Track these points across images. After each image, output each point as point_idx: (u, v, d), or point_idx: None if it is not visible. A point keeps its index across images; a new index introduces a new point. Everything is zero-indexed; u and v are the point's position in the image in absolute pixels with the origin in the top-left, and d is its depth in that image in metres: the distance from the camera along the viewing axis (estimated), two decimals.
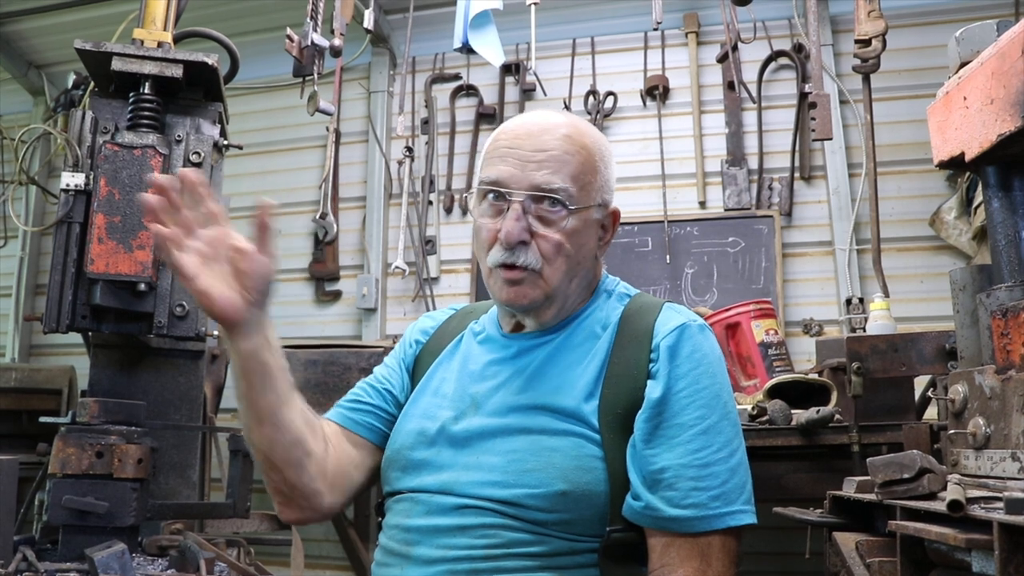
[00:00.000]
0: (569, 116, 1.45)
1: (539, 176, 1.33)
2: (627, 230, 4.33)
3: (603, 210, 1.42)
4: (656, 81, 4.43)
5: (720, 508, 1.22)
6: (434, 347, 1.56)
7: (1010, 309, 1.53)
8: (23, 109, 5.53)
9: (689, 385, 1.28)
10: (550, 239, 1.33)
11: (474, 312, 1.61)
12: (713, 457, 1.24)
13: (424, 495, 1.31)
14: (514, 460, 1.26)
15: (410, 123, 4.69)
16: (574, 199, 1.34)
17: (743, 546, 1.27)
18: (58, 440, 2.11)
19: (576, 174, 1.35)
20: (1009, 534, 1.13)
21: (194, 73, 2.51)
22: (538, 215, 1.33)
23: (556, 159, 1.34)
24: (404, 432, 1.43)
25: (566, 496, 1.23)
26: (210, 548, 2.16)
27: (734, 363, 3.54)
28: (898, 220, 4.05)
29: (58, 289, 2.33)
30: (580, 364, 1.35)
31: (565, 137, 1.36)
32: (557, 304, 1.39)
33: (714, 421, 1.27)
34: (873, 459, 1.54)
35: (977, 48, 1.75)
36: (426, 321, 1.64)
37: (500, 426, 1.32)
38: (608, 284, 1.50)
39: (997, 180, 1.73)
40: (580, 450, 1.26)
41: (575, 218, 1.35)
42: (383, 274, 4.71)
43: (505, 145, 1.38)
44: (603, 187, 1.41)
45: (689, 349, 1.31)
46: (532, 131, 1.37)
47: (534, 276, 1.34)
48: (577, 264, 1.38)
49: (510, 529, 1.23)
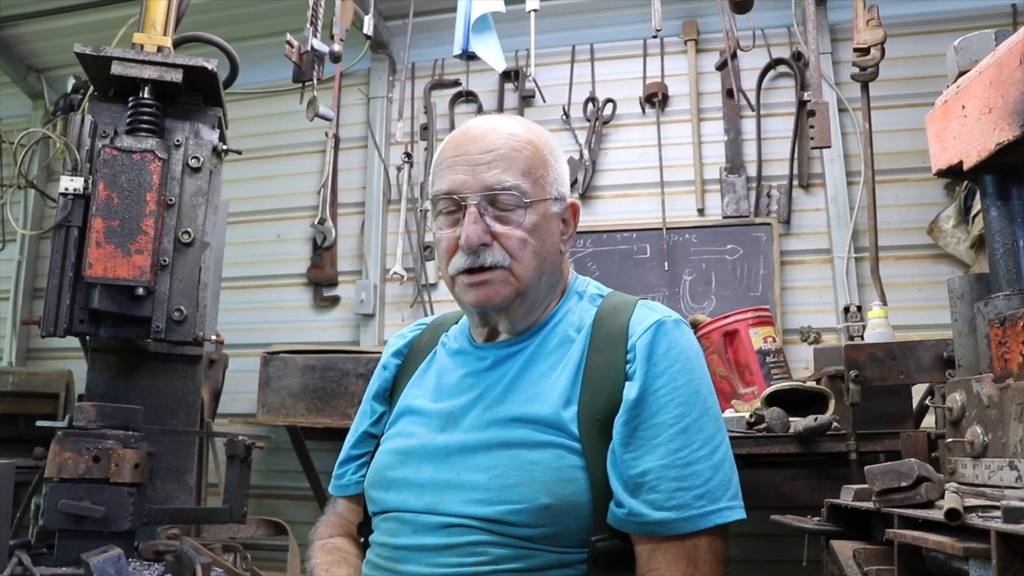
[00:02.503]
0: (511, 117, 1.47)
1: (490, 176, 1.33)
2: (625, 237, 4.33)
3: (561, 203, 1.43)
4: (655, 88, 4.44)
5: (705, 507, 1.21)
6: (409, 367, 1.56)
7: (1008, 318, 1.53)
8: (22, 113, 5.54)
9: (667, 383, 1.27)
10: (512, 236, 1.33)
11: (444, 324, 1.61)
12: (695, 455, 1.23)
13: (409, 515, 1.30)
14: (496, 476, 1.25)
15: (409, 129, 4.70)
16: (528, 194, 1.35)
17: (738, 551, 1.27)
18: (55, 444, 2.10)
19: (526, 169, 1.36)
20: (1006, 543, 1.13)
21: (193, 78, 2.51)
22: (495, 215, 1.34)
23: (504, 157, 1.35)
24: (384, 452, 1.43)
25: (550, 509, 1.21)
26: (206, 553, 2.16)
27: (732, 370, 3.54)
28: (896, 228, 4.05)
29: (56, 293, 2.33)
30: (555, 370, 1.34)
31: (509, 135, 1.38)
32: (528, 301, 1.39)
33: (694, 418, 1.25)
34: (871, 467, 1.54)
35: (975, 57, 1.76)
36: (397, 341, 1.63)
37: (480, 441, 1.30)
38: (579, 285, 1.49)
39: (995, 189, 1.73)
40: (561, 461, 1.25)
41: (532, 212, 1.35)
42: (381, 280, 4.71)
43: (452, 155, 1.38)
44: (556, 180, 1.42)
45: (665, 346, 1.30)
46: (476, 135, 1.39)
47: (503, 273, 1.34)
48: (544, 259, 1.38)
49: (496, 546, 1.22)
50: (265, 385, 3.85)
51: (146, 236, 2.31)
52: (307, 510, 4.46)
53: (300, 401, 3.76)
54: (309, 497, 4.35)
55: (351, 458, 1.56)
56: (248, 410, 4.37)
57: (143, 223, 2.32)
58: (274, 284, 4.92)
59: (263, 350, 4.00)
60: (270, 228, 4.97)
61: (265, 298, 4.91)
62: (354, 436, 1.57)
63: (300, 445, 4.16)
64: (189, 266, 2.44)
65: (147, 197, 2.34)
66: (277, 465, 4.59)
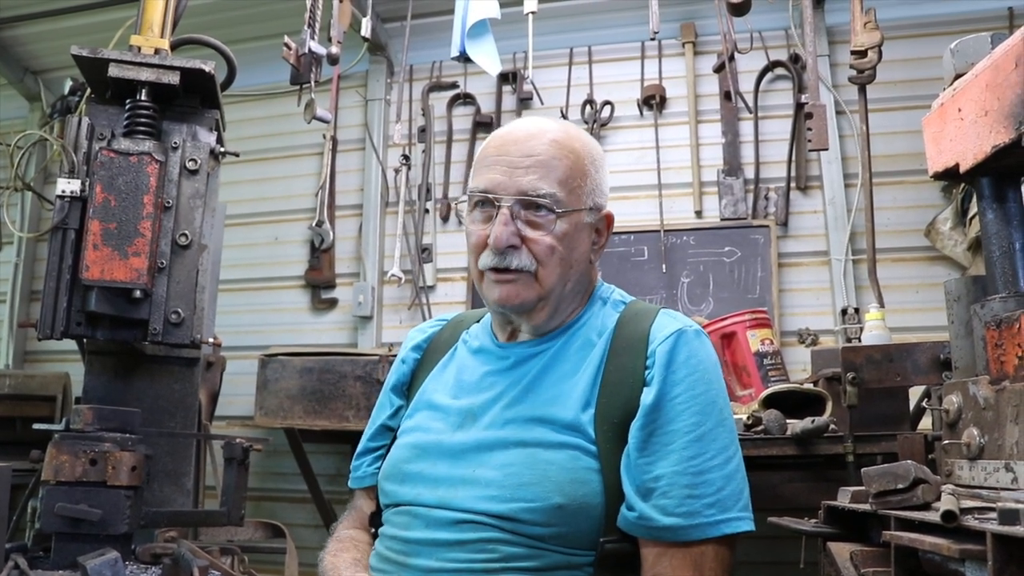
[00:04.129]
0: (559, 122, 1.46)
1: (526, 181, 1.34)
2: (623, 239, 4.34)
3: (595, 214, 1.43)
4: (653, 91, 4.44)
5: (715, 516, 1.22)
6: (428, 361, 1.56)
7: (1004, 320, 1.53)
8: (19, 115, 5.53)
9: (685, 391, 1.27)
10: (541, 242, 1.35)
11: (465, 321, 1.62)
12: (708, 464, 1.24)
13: (422, 509, 1.31)
14: (510, 474, 1.26)
15: (407, 131, 4.70)
16: (562, 203, 1.35)
17: (737, 555, 1.27)
18: (52, 447, 2.10)
19: (564, 178, 1.36)
20: (1003, 545, 1.13)
21: (191, 80, 2.51)
22: (527, 220, 1.35)
23: (543, 164, 1.36)
24: (401, 446, 1.44)
25: (562, 510, 1.22)
26: (204, 556, 2.15)
27: (730, 372, 3.55)
28: (893, 231, 4.06)
29: (53, 295, 2.32)
30: (576, 373, 1.35)
31: (552, 142, 1.38)
32: (551, 306, 1.39)
33: (709, 428, 1.26)
34: (868, 469, 1.53)
35: (972, 60, 1.76)
36: (417, 335, 1.64)
37: (497, 439, 1.31)
38: (603, 292, 1.50)
39: (991, 191, 1.74)
40: (576, 462, 1.26)
41: (564, 221, 1.36)
42: (379, 282, 4.71)
43: (494, 153, 1.40)
44: (594, 191, 1.42)
45: (685, 355, 1.30)
46: (520, 137, 1.39)
47: (528, 277, 1.35)
48: (571, 267, 1.39)
49: (507, 543, 1.23)
50: (263, 387, 3.85)
51: (143, 238, 2.31)
52: (305, 513, 4.45)
53: (298, 403, 3.75)
54: (307, 500, 4.34)
55: (368, 450, 1.57)
56: (246, 412, 4.36)
57: (140, 225, 2.31)
58: (272, 286, 4.91)
59: (261, 352, 3.99)
60: (268, 230, 4.97)
61: (263, 300, 4.91)
62: (371, 429, 1.58)
63: (298, 447, 4.16)
64: (186, 268, 2.44)
65: (144, 199, 2.33)
66: (275, 467, 4.59)
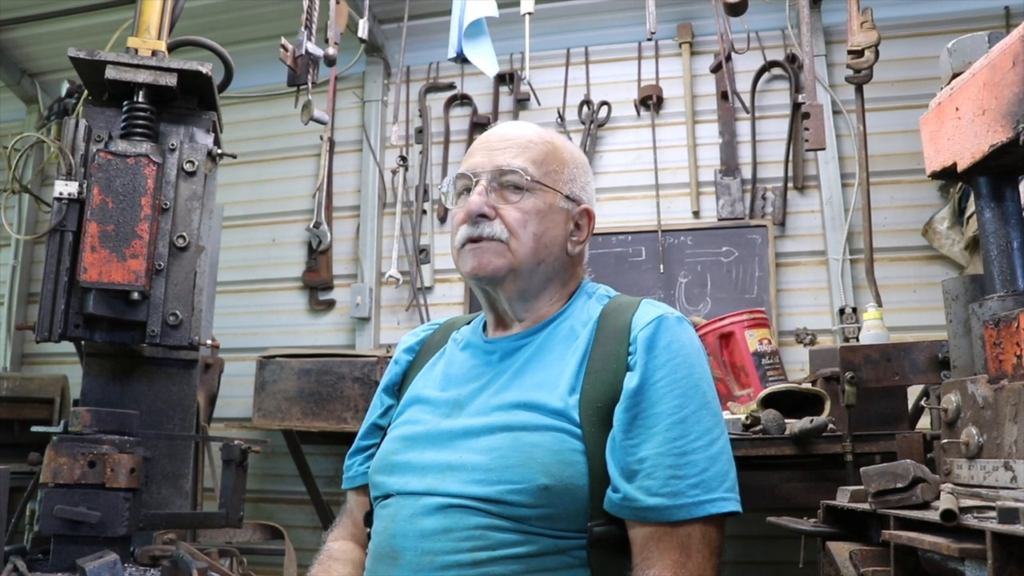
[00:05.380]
0: (545, 127, 1.56)
1: (501, 158, 1.44)
2: (620, 240, 4.34)
3: (573, 204, 1.50)
4: (650, 91, 4.44)
5: (700, 496, 1.23)
6: (419, 362, 1.61)
7: (1002, 319, 1.53)
8: (16, 117, 5.53)
9: (667, 375, 1.29)
10: (512, 213, 1.42)
11: (455, 324, 1.67)
12: (691, 446, 1.25)
13: (410, 497, 1.32)
14: (496, 457, 1.28)
15: (404, 132, 4.69)
16: (534, 176, 1.43)
17: (735, 553, 1.27)
18: (50, 449, 2.10)
19: (538, 159, 1.46)
20: (1002, 543, 1.13)
21: (188, 82, 2.51)
22: (501, 194, 1.43)
23: (519, 145, 1.46)
24: (390, 439, 1.47)
25: (548, 491, 1.23)
26: (203, 558, 2.15)
27: (728, 372, 3.55)
28: (891, 230, 4.06)
29: (51, 298, 2.32)
30: (561, 361, 1.38)
31: (533, 132, 1.50)
32: (523, 281, 1.44)
33: (692, 410, 1.28)
34: (867, 468, 1.54)
35: (969, 59, 1.76)
36: (410, 339, 1.69)
37: (483, 425, 1.33)
38: (589, 288, 1.56)
39: (989, 191, 1.74)
40: (561, 444, 1.27)
41: (536, 197, 1.44)
42: (377, 283, 4.71)
43: (476, 146, 1.51)
44: (572, 181, 1.50)
45: (667, 340, 1.33)
46: (501, 130, 1.52)
47: (500, 246, 1.41)
48: (544, 247, 1.44)
49: (495, 529, 1.23)
50: (261, 389, 3.84)
51: (141, 240, 2.31)
52: (303, 514, 4.45)
53: (296, 405, 3.75)
54: (305, 501, 4.34)
55: (359, 449, 1.60)
56: (244, 414, 4.36)
57: (138, 227, 2.32)
58: (269, 288, 4.91)
59: (259, 354, 3.99)
60: (265, 232, 4.97)
61: (260, 302, 4.90)
62: (363, 428, 1.62)
63: (296, 449, 4.16)
64: (184, 270, 2.44)
65: (142, 201, 2.33)
66: (273, 469, 4.58)
